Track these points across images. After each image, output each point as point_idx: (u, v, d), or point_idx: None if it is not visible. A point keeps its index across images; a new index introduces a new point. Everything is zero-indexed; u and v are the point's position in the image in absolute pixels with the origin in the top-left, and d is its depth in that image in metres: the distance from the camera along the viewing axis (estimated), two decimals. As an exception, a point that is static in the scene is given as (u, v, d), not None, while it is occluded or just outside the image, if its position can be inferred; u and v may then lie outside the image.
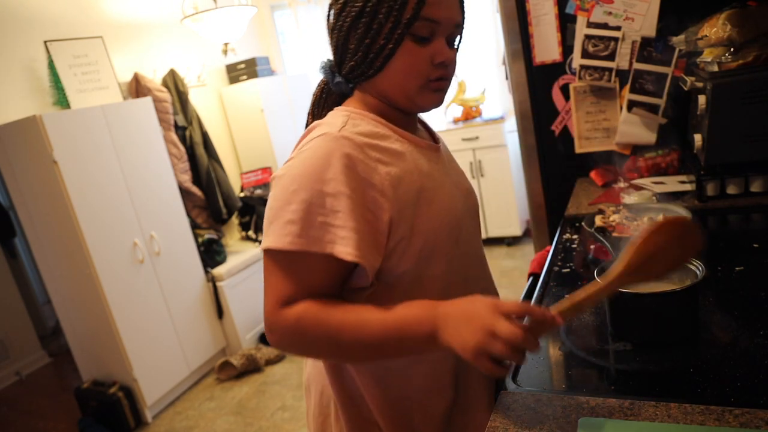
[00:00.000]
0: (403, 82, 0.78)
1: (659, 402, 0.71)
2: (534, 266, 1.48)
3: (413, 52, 0.76)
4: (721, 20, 1.33)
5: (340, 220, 0.70)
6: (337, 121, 0.78)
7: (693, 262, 0.89)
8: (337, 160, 0.72)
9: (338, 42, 0.80)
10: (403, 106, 0.82)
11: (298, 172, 0.73)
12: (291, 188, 0.72)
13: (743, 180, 1.41)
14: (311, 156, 0.73)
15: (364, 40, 0.76)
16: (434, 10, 0.74)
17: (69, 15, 3.01)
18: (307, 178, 0.72)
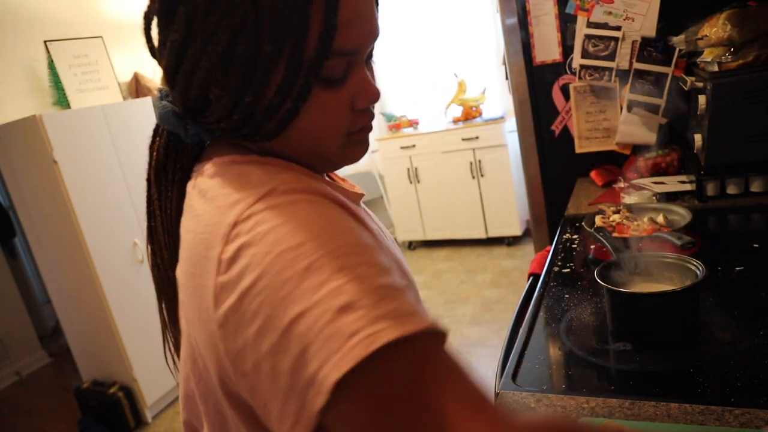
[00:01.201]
0: (313, 146, 0.51)
1: (659, 402, 0.71)
2: (534, 266, 1.48)
3: (325, 102, 0.49)
4: (721, 20, 1.33)
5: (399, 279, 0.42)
6: (252, 179, 0.47)
7: (693, 262, 0.89)
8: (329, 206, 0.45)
9: (187, 79, 0.48)
10: (317, 170, 0.55)
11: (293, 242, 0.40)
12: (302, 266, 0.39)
13: (743, 180, 1.41)
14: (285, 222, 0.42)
15: (242, 97, 0.47)
16: (350, 37, 0.46)
17: (69, 15, 3.01)
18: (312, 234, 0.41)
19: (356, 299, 0.37)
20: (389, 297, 0.38)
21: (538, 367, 0.87)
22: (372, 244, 0.43)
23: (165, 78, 0.51)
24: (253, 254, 0.40)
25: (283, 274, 0.39)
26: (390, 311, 0.37)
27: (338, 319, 0.36)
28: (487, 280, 3.58)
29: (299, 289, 0.38)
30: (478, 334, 2.86)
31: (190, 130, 0.53)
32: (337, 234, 0.41)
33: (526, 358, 0.90)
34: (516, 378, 0.85)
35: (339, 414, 0.36)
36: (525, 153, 2.05)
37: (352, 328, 0.36)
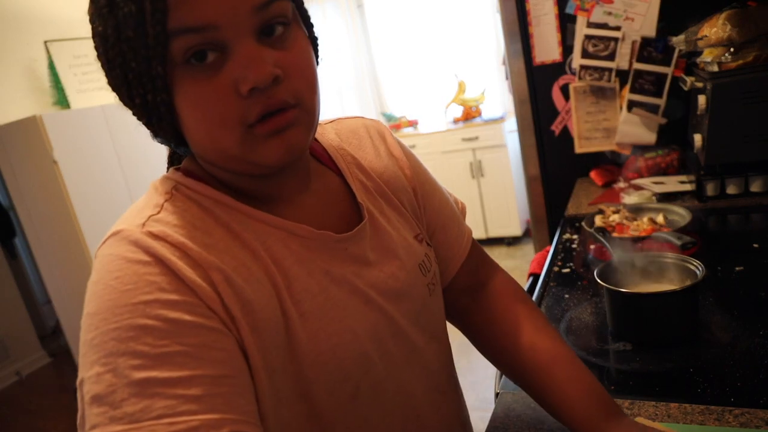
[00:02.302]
0: (211, 145, 0.46)
1: (659, 402, 0.71)
2: (534, 266, 1.48)
3: (197, 91, 0.44)
4: (721, 20, 1.33)
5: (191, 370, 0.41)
6: (149, 204, 0.48)
7: (693, 262, 0.89)
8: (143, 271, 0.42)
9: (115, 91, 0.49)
10: (241, 172, 0.50)
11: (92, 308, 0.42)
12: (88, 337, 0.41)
13: (743, 180, 1.41)
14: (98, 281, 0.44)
15: (131, 101, 0.47)
16: (194, 11, 0.41)
17: (69, 15, 3.02)
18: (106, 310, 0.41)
19: (105, 393, 0.38)
20: (135, 397, 0.38)
21: (538, 367, 0.87)
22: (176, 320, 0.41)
23: None
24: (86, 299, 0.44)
25: (85, 335, 0.42)
26: (126, 414, 0.37)
27: (91, 407, 0.39)
28: (487, 280, 3.57)
29: (86, 358, 0.41)
30: (478, 334, 2.85)
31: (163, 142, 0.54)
32: (123, 312, 0.40)
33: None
34: (516, 378, 0.84)
35: None
36: (525, 153, 2.05)
37: (93, 422, 0.38)
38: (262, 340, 0.46)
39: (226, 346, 0.43)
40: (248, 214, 0.50)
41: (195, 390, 0.39)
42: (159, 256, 0.43)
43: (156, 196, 0.49)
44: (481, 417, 0.69)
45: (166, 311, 0.41)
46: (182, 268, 0.43)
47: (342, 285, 0.53)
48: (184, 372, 0.39)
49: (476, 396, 2.32)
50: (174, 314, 0.41)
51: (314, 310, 0.50)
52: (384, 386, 0.56)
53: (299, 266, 0.50)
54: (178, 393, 0.38)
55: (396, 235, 0.60)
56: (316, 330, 0.50)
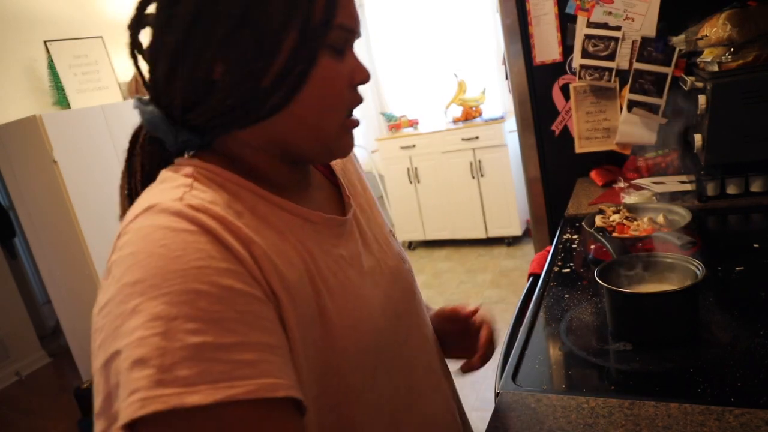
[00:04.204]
0: (318, 121, 0.51)
1: (659, 402, 0.71)
2: (534, 266, 1.48)
3: (330, 72, 0.49)
4: (721, 20, 1.33)
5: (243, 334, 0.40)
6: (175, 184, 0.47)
7: (693, 262, 0.89)
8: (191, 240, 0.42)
9: (192, 62, 0.48)
10: (312, 157, 0.56)
11: (134, 277, 0.40)
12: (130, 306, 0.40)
13: (743, 180, 1.41)
14: (137, 252, 0.41)
15: (253, 64, 0.47)
16: (348, 13, 0.50)
17: (69, 15, 3.02)
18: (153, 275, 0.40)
19: (151, 356, 0.37)
20: (189, 360, 0.37)
21: (538, 367, 0.87)
22: (229, 288, 0.41)
23: (154, 81, 0.52)
24: (112, 277, 0.42)
25: (120, 306, 0.40)
26: (178, 378, 0.36)
27: (131, 371, 0.37)
28: (487, 280, 3.58)
29: (124, 327, 0.39)
30: (478, 334, 2.85)
31: (180, 136, 0.51)
32: (174, 277, 0.39)
33: (526, 358, 0.90)
34: (516, 378, 0.85)
35: None
36: (525, 153, 2.05)
37: (134, 386, 0.36)
38: (299, 314, 0.47)
39: (272, 317, 0.44)
40: (269, 200, 0.51)
41: (249, 355, 0.39)
42: (205, 226, 0.43)
43: (178, 177, 0.48)
44: (481, 417, 0.69)
45: (218, 278, 0.40)
46: (228, 239, 0.43)
47: (353, 266, 0.56)
48: (238, 338, 0.39)
49: (476, 396, 2.32)
50: (226, 281, 0.41)
51: (337, 287, 0.52)
52: (393, 363, 0.58)
53: (318, 248, 0.53)
54: (233, 358, 0.38)
55: (379, 226, 0.66)
56: (342, 305, 0.52)
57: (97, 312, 0.43)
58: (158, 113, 0.51)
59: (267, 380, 0.39)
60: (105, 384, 0.40)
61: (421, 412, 0.62)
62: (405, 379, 0.60)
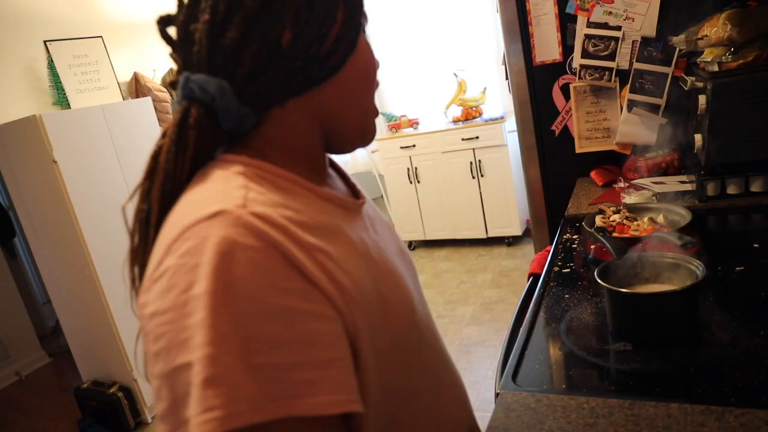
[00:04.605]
0: (361, 93, 0.56)
1: (659, 402, 0.71)
2: (534, 266, 1.48)
3: (366, 43, 0.56)
4: (721, 20, 1.33)
5: (304, 353, 0.42)
6: (231, 186, 0.47)
7: (693, 262, 0.89)
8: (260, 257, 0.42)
9: (255, 36, 0.50)
10: (349, 136, 0.59)
11: (202, 288, 0.40)
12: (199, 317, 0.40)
13: (743, 180, 1.41)
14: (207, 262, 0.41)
15: (323, 28, 0.52)
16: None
17: (69, 15, 3.02)
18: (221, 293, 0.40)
19: (225, 374, 0.38)
20: (255, 379, 0.39)
21: (538, 367, 0.87)
22: (291, 309, 0.42)
23: (218, 50, 0.51)
24: (173, 284, 0.42)
25: (186, 319, 0.40)
26: (248, 396, 0.38)
27: (205, 389, 0.38)
28: (487, 280, 3.58)
29: (193, 341, 0.39)
30: (478, 334, 2.86)
31: (241, 110, 0.52)
32: (249, 295, 0.40)
33: (526, 358, 0.90)
34: (516, 378, 0.85)
35: None
36: (525, 153, 2.05)
37: (210, 404, 0.38)
38: (367, 309, 0.48)
39: (333, 330, 0.44)
40: (316, 192, 0.53)
41: (308, 374, 0.41)
42: (271, 241, 0.43)
43: (231, 176, 0.48)
44: (481, 417, 0.69)
45: (282, 299, 0.42)
46: (293, 252, 0.43)
47: (388, 254, 0.58)
48: (298, 357, 0.41)
49: (476, 396, 2.32)
50: (289, 301, 0.42)
51: (385, 271, 0.55)
52: (422, 354, 0.60)
53: (365, 234, 0.55)
54: (293, 378, 0.40)
55: (379, 217, 0.66)
56: (394, 296, 0.54)
57: (153, 316, 0.43)
58: (227, 85, 0.51)
59: (325, 398, 0.41)
60: (170, 392, 0.41)
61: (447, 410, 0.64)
62: (430, 369, 0.61)
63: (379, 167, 4.48)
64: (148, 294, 0.44)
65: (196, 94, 0.51)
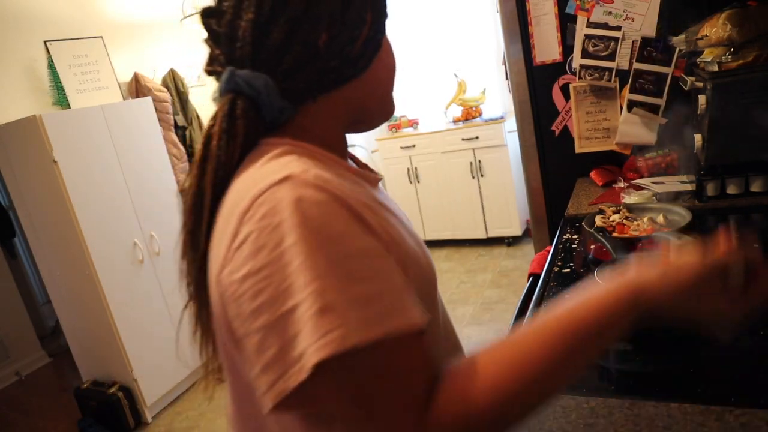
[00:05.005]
0: (386, 82, 0.65)
1: (659, 402, 0.71)
2: (534, 266, 1.48)
3: (388, 42, 0.64)
4: (721, 20, 1.33)
5: (388, 282, 0.48)
6: (287, 160, 0.53)
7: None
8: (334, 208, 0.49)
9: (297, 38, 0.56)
10: (376, 117, 0.67)
11: (293, 239, 0.46)
12: (297, 262, 0.45)
13: (743, 180, 1.41)
14: (291, 217, 0.46)
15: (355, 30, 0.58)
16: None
17: (69, 15, 3.01)
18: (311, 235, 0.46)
19: (335, 304, 0.44)
20: (365, 304, 0.45)
21: (538, 367, 0.87)
22: (367, 248, 0.48)
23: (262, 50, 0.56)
24: (261, 245, 0.46)
25: (285, 269, 0.45)
26: (360, 318, 0.44)
27: (319, 318, 0.43)
28: (487, 280, 3.58)
29: (295, 285, 0.44)
30: (478, 334, 2.86)
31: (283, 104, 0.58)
32: (333, 238, 0.46)
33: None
34: (516, 378, 0.84)
35: (306, 393, 0.44)
36: (525, 153, 2.05)
37: (326, 329, 0.43)
38: (406, 267, 0.53)
39: (395, 263, 0.51)
40: (347, 168, 0.60)
41: (395, 298, 0.47)
42: (335, 196, 0.49)
43: (281, 154, 0.54)
44: (481, 417, 0.69)
45: (356, 241, 0.48)
46: (352, 205, 0.50)
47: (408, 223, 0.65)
48: (383, 286, 0.47)
49: (476, 396, 2.32)
50: (361, 243, 0.48)
51: (416, 239, 0.61)
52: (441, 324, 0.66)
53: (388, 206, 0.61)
54: (384, 302, 0.46)
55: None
56: (426, 259, 0.61)
57: (246, 278, 0.47)
58: (272, 82, 0.56)
59: (411, 318, 0.47)
60: (278, 337, 0.45)
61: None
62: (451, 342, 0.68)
63: (379, 167, 4.48)
64: (232, 263, 0.48)
65: (242, 88, 0.57)
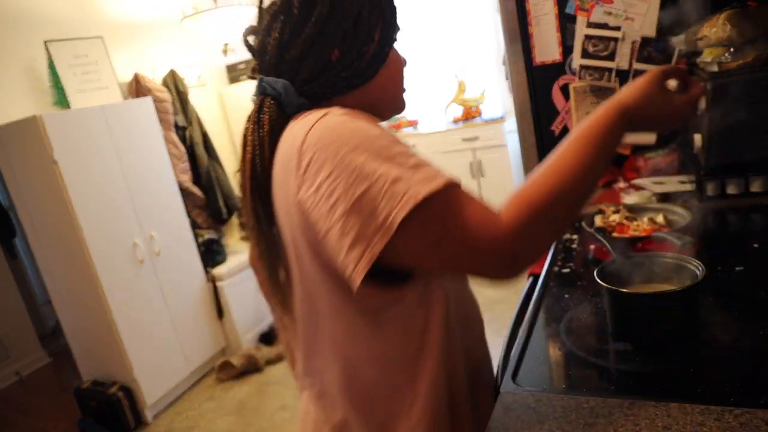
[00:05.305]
0: (393, 87, 0.79)
1: (659, 402, 0.71)
2: (534, 266, 1.48)
3: (395, 53, 0.78)
4: (721, 20, 1.33)
5: (424, 157, 0.64)
6: (318, 111, 0.69)
7: (693, 262, 0.89)
8: (369, 123, 0.66)
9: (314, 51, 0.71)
10: (388, 113, 0.81)
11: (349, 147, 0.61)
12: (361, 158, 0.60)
13: (743, 180, 1.41)
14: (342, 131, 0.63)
15: (362, 47, 0.72)
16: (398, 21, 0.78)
17: (69, 15, 3.01)
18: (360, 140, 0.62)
19: (399, 175, 0.59)
20: (420, 169, 0.60)
21: (538, 367, 0.87)
22: (400, 141, 0.64)
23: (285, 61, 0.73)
24: (323, 159, 0.61)
25: (351, 164, 0.60)
26: (422, 178, 0.59)
27: (393, 187, 0.58)
28: (487, 280, 3.57)
29: (362, 173, 0.59)
30: (478, 334, 2.86)
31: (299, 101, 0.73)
32: (378, 137, 0.62)
33: (526, 358, 0.90)
34: (516, 378, 0.85)
35: (398, 245, 0.59)
36: (525, 153, 2.05)
37: (402, 192, 0.58)
38: None
39: None
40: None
41: (432, 167, 0.62)
42: (366, 118, 0.67)
43: (323, 108, 0.69)
44: (481, 417, 0.69)
45: (392, 136, 0.65)
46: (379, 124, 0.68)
47: None
48: (420, 160, 0.62)
49: (476, 396, 2.32)
50: (398, 141, 0.64)
51: None
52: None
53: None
54: (427, 169, 0.61)
55: None
56: None
57: (320, 186, 0.61)
58: (289, 85, 0.73)
59: (453, 175, 0.62)
60: (358, 217, 0.59)
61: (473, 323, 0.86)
62: (466, 286, 0.85)
63: (379, 167, 4.47)
64: (305, 182, 0.62)
65: (267, 90, 0.73)
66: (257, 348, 3.27)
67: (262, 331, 3.48)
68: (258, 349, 3.25)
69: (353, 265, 0.59)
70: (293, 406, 2.74)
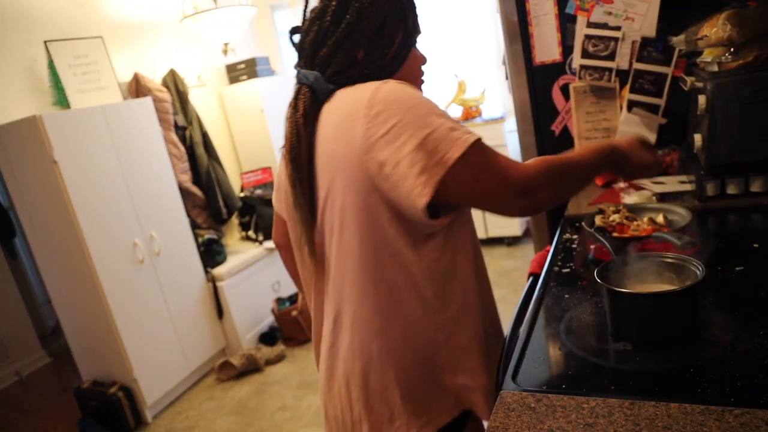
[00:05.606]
0: (412, 81, 0.95)
1: (659, 402, 0.71)
2: (534, 266, 1.48)
3: (415, 53, 0.96)
4: (721, 20, 1.33)
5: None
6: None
7: (693, 262, 0.89)
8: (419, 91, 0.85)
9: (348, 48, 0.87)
10: None
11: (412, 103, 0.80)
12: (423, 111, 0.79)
13: (743, 180, 1.41)
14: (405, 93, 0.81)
15: (384, 49, 0.89)
16: (420, 25, 0.97)
17: (69, 15, 3.01)
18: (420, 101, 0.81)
19: (454, 125, 0.79)
20: (461, 126, 0.80)
21: (538, 367, 0.87)
22: (445, 111, 0.82)
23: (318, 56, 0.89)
24: (393, 109, 0.78)
25: (417, 115, 0.78)
26: (468, 131, 0.80)
27: (450, 134, 0.78)
28: (487, 280, 3.57)
29: (426, 122, 0.78)
30: (478, 334, 2.85)
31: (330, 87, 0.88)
32: (429, 100, 0.82)
33: (526, 358, 0.90)
34: (516, 378, 0.84)
35: (452, 177, 0.77)
36: (525, 153, 2.05)
37: (458, 136, 0.78)
38: None
39: None
40: None
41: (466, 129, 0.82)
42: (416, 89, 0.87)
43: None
44: (481, 417, 0.69)
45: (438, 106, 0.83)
46: None
47: None
48: (456, 123, 0.81)
49: (476, 396, 2.32)
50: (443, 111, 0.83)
51: None
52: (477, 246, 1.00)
53: None
54: (467, 128, 0.81)
55: None
56: None
57: (388, 131, 0.78)
58: (320, 75, 0.88)
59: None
60: (424, 153, 0.76)
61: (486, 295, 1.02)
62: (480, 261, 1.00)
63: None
64: (374, 127, 0.79)
65: (302, 80, 0.90)
66: (257, 348, 3.27)
67: (262, 331, 3.48)
68: (258, 349, 3.25)
69: (421, 188, 0.75)
70: (293, 406, 2.74)
